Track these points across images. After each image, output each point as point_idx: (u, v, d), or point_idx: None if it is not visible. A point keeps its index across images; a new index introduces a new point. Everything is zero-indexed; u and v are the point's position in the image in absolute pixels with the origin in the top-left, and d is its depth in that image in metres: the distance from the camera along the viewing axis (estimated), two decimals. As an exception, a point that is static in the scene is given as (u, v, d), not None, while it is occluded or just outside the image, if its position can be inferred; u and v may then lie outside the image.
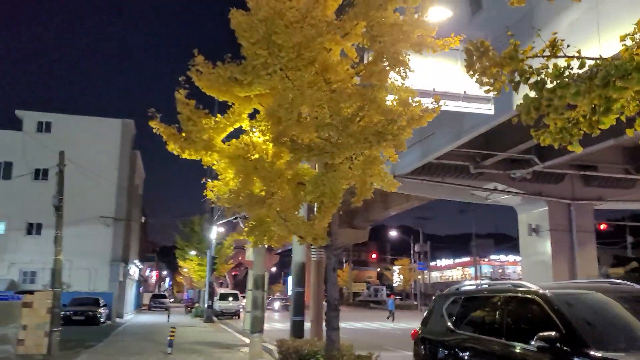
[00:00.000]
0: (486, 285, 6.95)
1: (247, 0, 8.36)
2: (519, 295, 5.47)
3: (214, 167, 9.07)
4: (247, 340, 16.50)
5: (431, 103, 8.17)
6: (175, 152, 8.56)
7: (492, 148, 20.68)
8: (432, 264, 73.47)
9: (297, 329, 13.92)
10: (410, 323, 28.95)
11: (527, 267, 24.75)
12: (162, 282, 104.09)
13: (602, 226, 35.27)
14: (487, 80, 4.42)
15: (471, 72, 4.57)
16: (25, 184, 34.30)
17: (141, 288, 62.34)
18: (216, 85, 7.95)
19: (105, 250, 36.30)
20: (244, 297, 46.19)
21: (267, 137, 8.21)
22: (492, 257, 79.64)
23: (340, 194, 7.60)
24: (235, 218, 22.16)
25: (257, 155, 8.10)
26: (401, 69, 8.08)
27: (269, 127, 7.78)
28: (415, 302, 62.00)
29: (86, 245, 33.80)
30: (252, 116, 9.36)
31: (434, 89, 12.98)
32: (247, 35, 7.34)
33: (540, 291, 5.19)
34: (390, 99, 8.12)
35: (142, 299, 60.64)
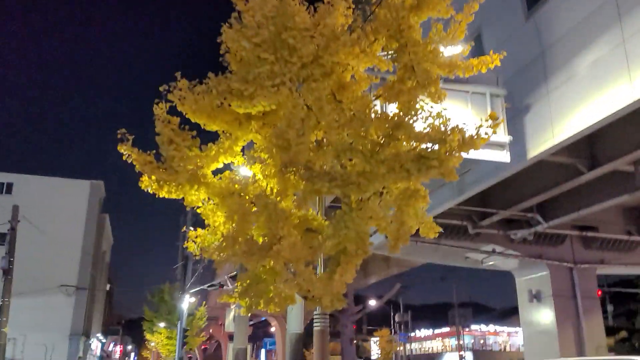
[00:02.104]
0: None
1: (242, 15, 6.86)
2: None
3: (198, 211, 7.25)
4: None
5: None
6: (151, 190, 6.73)
7: (490, 206, 19.33)
8: (411, 334, 70.48)
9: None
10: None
11: (529, 337, 22.83)
12: (126, 358, 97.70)
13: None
14: None
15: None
16: (-22, 250, 31.50)
17: (103, 365, 57.69)
18: (207, 104, 6.24)
19: (65, 322, 33.17)
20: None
21: (268, 172, 6.52)
22: (473, 327, 77.03)
23: (367, 239, 5.91)
24: (212, 284, 19.98)
25: (257, 191, 6.36)
26: (432, 89, 6.65)
27: (272, 155, 6.10)
28: (398, 377, 58.78)
29: (43, 318, 30.88)
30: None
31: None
32: (249, 34, 5.80)
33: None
34: (420, 127, 6.63)
35: (103, 377, 55.94)
